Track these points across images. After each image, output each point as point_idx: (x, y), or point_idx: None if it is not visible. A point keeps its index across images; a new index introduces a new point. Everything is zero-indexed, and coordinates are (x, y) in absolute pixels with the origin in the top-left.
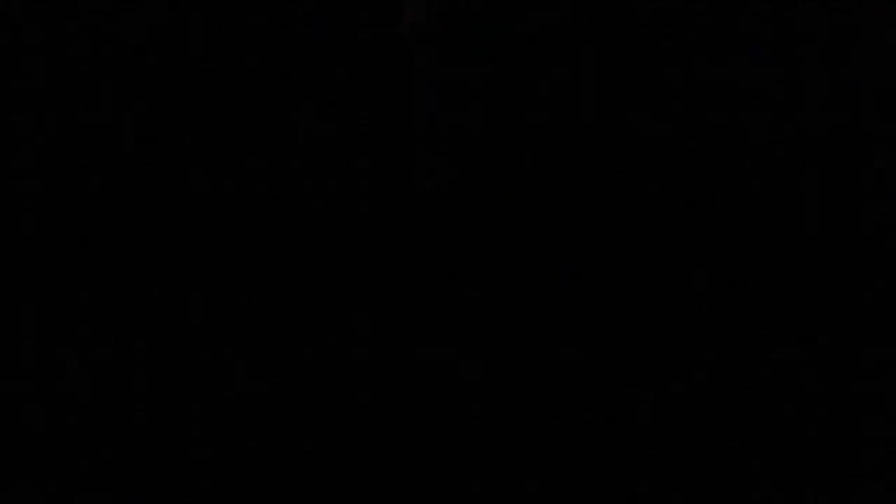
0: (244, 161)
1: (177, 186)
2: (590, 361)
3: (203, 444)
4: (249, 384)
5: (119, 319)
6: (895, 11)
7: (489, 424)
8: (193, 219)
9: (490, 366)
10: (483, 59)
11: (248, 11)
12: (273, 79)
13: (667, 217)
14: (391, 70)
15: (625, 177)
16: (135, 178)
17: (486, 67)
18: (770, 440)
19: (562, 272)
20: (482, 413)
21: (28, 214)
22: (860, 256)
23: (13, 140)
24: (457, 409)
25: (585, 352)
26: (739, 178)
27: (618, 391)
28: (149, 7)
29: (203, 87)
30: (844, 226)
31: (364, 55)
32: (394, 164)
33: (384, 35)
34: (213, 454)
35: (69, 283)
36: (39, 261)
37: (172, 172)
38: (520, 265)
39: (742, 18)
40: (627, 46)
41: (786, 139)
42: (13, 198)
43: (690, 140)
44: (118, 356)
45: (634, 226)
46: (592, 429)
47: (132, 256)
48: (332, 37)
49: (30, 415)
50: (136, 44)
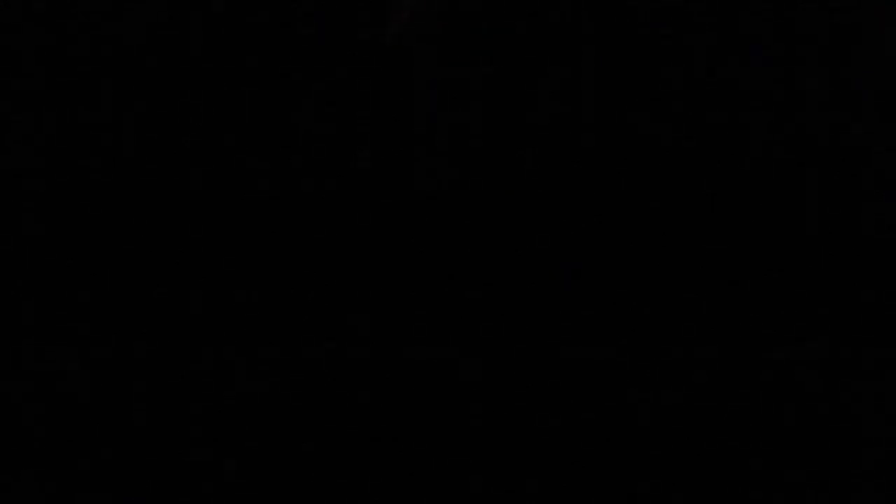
0: (244, 161)
1: (177, 186)
2: (590, 361)
3: (202, 444)
4: (249, 384)
5: (119, 319)
6: (895, 12)
7: (489, 424)
8: (193, 218)
9: (490, 366)
10: (483, 59)
11: (248, 11)
12: (273, 79)
13: (667, 217)
14: (391, 70)
15: (625, 177)
16: (135, 178)
17: (486, 67)
18: (770, 440)
19: (562, 272)
20: (482, 413)
21: (28, 214)
22: (860, 256)
23: (13, 140)
24: (456, 409)
25: (585, 352)
26: (739, 178)
27: (618, 391)
28: (149, 7)
29: (203, 87)
30: (844, 226)
31: (364, 55)
32: (394, 164)
33: (384, 35)
34: (213, 454)
35: (69, 283)
36: (39, 261)
37: (172, 172)
38: (520, 265)
39: (742, 18)
40: (627, 46)
41: (786, 139)
42: (13, 198)
43: (690, 140)
44: (118, 356)
45: (634, 226)
46: (592, 429)
47: (132, 256)
48: (332, 37)
49: (30, 415)
50: (136, 44)
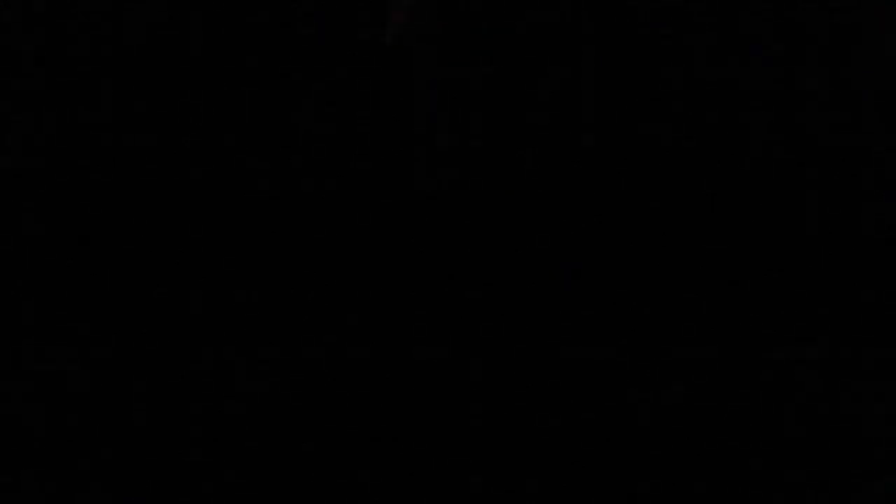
0: (244, 161)
1: (177, 186)
2: (590, 361)
3: (203, 444)
4: (249, 384)
5: (119, 319)
6: (895, 12)
7: (489, 424)
8: (193, 219)
9: (490, 366)
10: (483, 59)
11: (248, 11)
12: (273, 79)
13: (667, 217)
14: (391, 70)
15: (625, 176)
16: (134, 179)
17: (486, 67)
18: (770, 440)
19: (562, 272)
20: (482, 413)
21: (28, 214)
22: (860, 256)
23: (13, 140)
24: (457, 409)
25: (585, 352)
26: (739, 178)
27: (618, 391)
28: (149, 7)
29: (203, 87)
30: (844, 226)
31: (364, 55)
32: (394, 164)
33: (383, 35)
34: (213, 454)
35: (69, 284)
36: (39, 261)
37: (172, 173)
38: (520, 265)
39: (742, 18)
40: (627, 46)
41: (786, 139)
42: (13, 198)
43: (690, 140)
44: (118, 356)
45: (634, 226)
46: (592, 429)
47: (132, 256)
48: (332, 37)
49: (30, 415)
50: (137, 44)
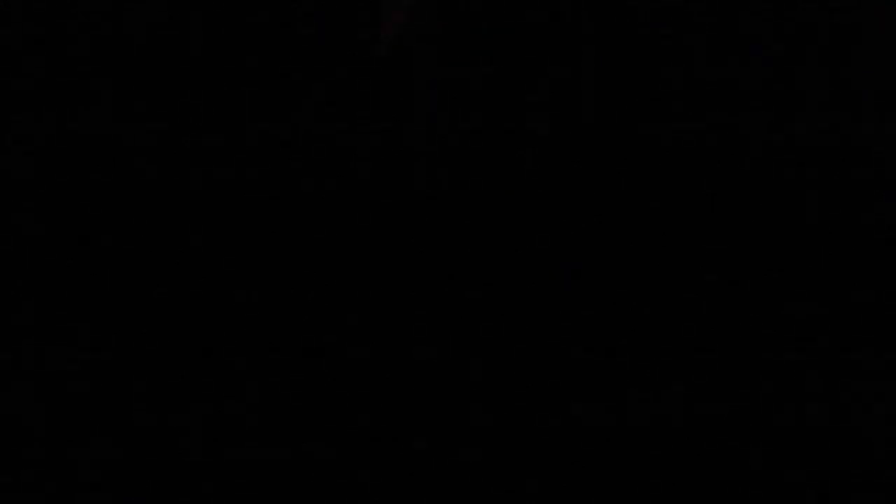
0: (244, 161)
1: (176, 186)
2: (590, 361)
3: (202, 445)
4: (249, 384)
5: (119, 319)
6: (895, 11)
7: (489, 424)
8: (193, 219)
9: (490, 366)
10: (483, 59)
11: (248, 11)
12: (273, 79)
13: (667, 217)
14: (391, 70)
15: (625, 177)
16: (134, 179)
17: (486, 67)
18: (770, 440)
19: (562, 272)
20: (482, 413)
21: (28, 214)
22: (860, 256)
23: (13, 140)
24: (457, 409)
25: (585, 352)
26: (739, 178)
27: (618, 391)
28: (149, 7)
29: (203, 87)
30: (844, 226)
31: (364, 55)
32: (394, 164)
33: (378, 43)
34: (213, 454)
35: (69, 283)
36: (39, 261)
37: (172, 173)
38: (520, 265)
39: (742, 18)
40: (627, 46)
41: (786, 139)
42: (13, 198)
43: (690, 140)
44: (118, 356)
45: (634, 226)
46: (593, 429)
47: (132, 256)
48: (332, 37)
49: (30, 415)
50: (137, 44)
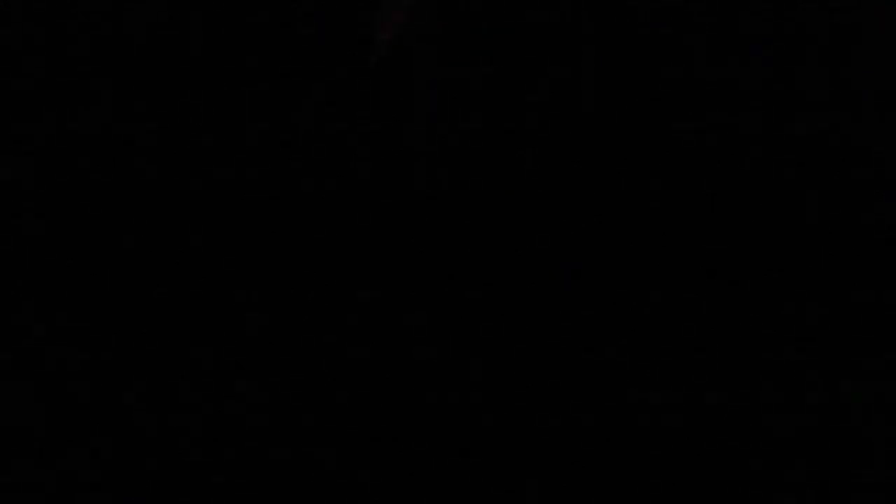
0: (244, 161)
1: (176, 187)
2: (590, 361)
3: (202, 445)
4: (249, 384)
5: (119, 319)
6: (895, 11)
7: (489, 424)
8: (193, 218)
9: (490, 366)
10: (483, 59)
11: (248, 11)
12: (273, 79)
13: (667, 217)
14: (391, 70)
15: (625, 177)
16: (134, 179)
17: (486, 67)
18: (769, 441)
19: (562, 272)
20: (482, 413)
21: (28, 214)
22: (860, 256)
23: (13, 140)
24: (457, 409)
25: (585, 352)
26: (739, 178)
27: (618, 391)
28: (149, 7)
29: (203, 87)
30: (844, 226)
31: (364, 55)
32: (394, 164)
33: (373, 50)
34: (213, 454)
35: (69, 283)
36: (39, 261)
37: (172, 173)
38: (520, 265)
39: (742, 18)
40: (627, 46)
41: (786, 139)
42: (13, 198)
43: (690, 140)
44: (118, 356)
45: (634, 226)
46: (593, 429)
47: (132, 256)
48: (332, 36)
49: (30, 415)
50: (137, 44)
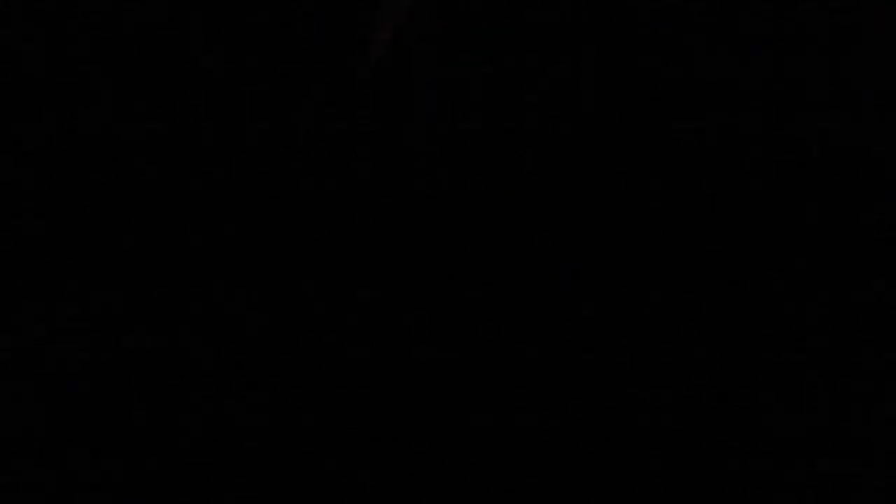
0: (244, 161)
1: (176, 187)
2: (590, 361)
3: (202, 445)
4: (248, 384)
5: (119, 319)
6: (895, 11)
7: (489, 424)
8: (193, 218)
9: (490, 366)
10: (483, 59)
11: (248, 11)
12: (273, 79)
13: (667, 217)
14: (391, 70)
15: (625, 177)
16: (134, 178)
17: (486, 67)
18: (769, 440)
19: (562, 272)
20: (482, 413)
21: (28, 214)
22: (860, 256)
23: (13, 140)
24: (457, 410)
25: (586, 352)
26: (739, 178)
27: (618, 391)
28: (149, 7)
29: (203, 87)
30: (844, 226)
31: (364, 55)
32: (393, 165)
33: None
34: (213, 454)
35: (69, 283)
36: (39, 261)
37: (172, 173)
38: (520, 265)
39: (742, 18)
40: (627, 46)
41: (786, 139)
42: (13, 198)
43: (690, 140)
44: (118, 356)
45: (634, 226)
46: (593, 429)
47: (132, 256)
48: (332, 36)
49: (30, 414)
50: (137, 44)
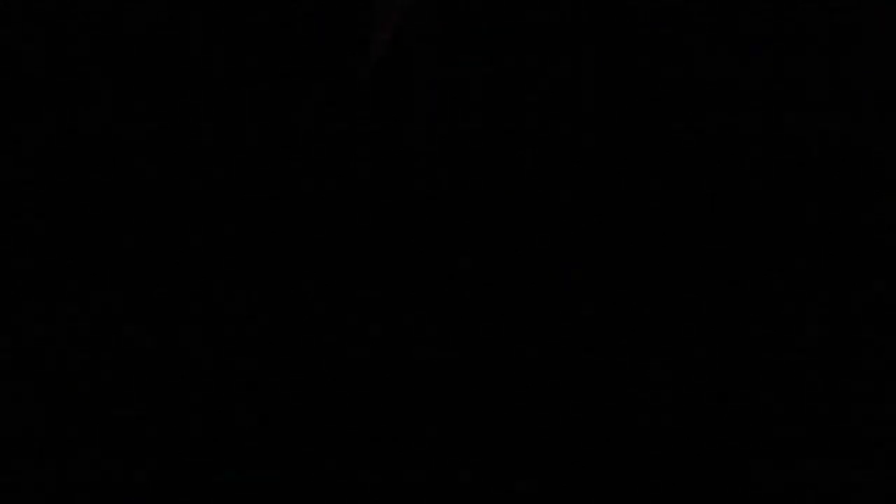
0: (243, 161)
1: (176, 187)
2: (590, 361)
3: (202, 445)
4: (248, 384)
5: (119, 319)
6: (895, 11)
7: (490, 424)
8: (192, 218)
9: (490, 366)
10: (483, 59)
11: (248, 11)
12: (273, 79)
13: (667, 217)
14: (391, 70)
15: (625, 177)
16: (134, 179)
17: (486, 67)
18: (769, 440)
19: (562, 272)
20: (482, 413)
21: (28, 214)
22: (860, 256)
23: (13, 140)
24: (457, 410)
25: (585, 352)
26: (739, 178)
27: (618, 391)
28: (149, 7)
29: (203, 87)
30: (844, 226)
31: (363, 55)
32: (393, 165)
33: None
34: (213, 454)
35: (69, 283)
36: (39, 261)
37: (172, 173)
38: (520, 265)
39: (742, 18)
40: (627, 46)
41: (786, 139)
42: (13, 198)
43: (690, 140)
44: (118, 356)
45: (634, 226)
46: (593, 429)
47: (132, 256)
48: (332, 36)
49: (29, 414)
50: (137, 44)
